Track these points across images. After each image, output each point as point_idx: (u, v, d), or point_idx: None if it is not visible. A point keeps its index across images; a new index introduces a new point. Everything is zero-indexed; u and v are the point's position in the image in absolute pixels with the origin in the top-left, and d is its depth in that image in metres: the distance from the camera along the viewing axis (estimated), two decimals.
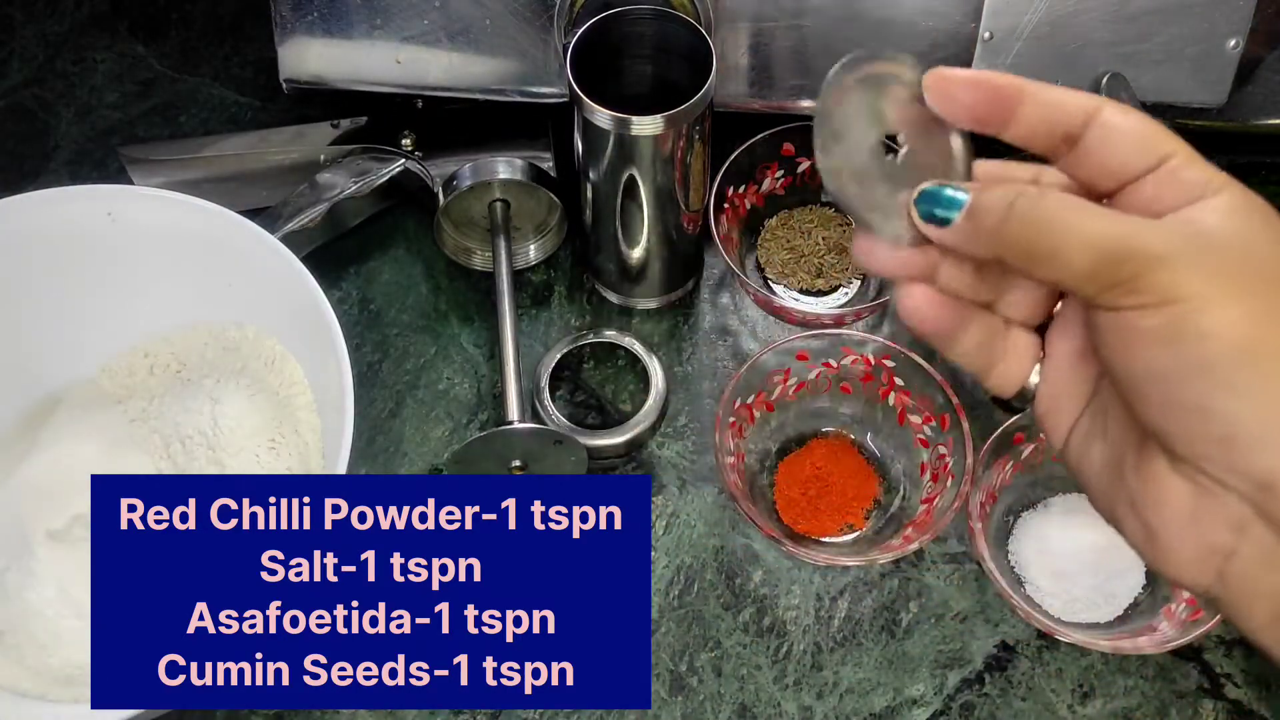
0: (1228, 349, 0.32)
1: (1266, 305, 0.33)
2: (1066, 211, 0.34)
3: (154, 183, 0.71)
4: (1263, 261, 0.33)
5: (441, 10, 0.67)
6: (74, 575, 0.56)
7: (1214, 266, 0.33)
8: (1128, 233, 0.33)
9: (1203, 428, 0.33)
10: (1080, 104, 0.35)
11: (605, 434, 0.65)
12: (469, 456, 0.59)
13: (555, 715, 0.58)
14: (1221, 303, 0.32)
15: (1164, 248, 0.33)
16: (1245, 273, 0.33)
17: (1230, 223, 0.34)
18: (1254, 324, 0.32)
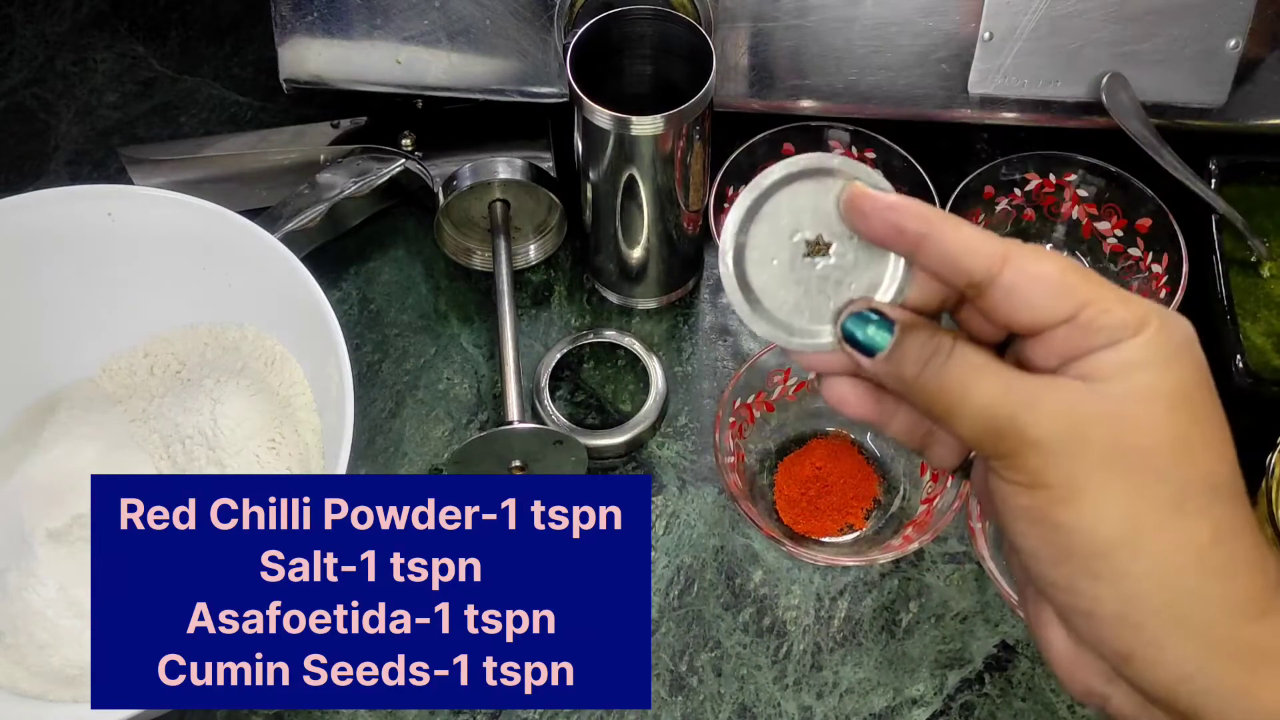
0: (1089, 540, 0.33)
1: (1138, 489, 0.33)
2: (966, 375, 0.35)
3: (154, 183, 0.71)
4: (1151, 436, 0.34)
5: (441, 10, 0.67)
6: (74, 575, 0.56)
7: (1089, 454, 0.33)
8: (1010, 411, 0.34)
9: (1068, 599, 0.35)
10: (982, 259, 0.34)
11: (605, 434, 0.65)
12: (469, 456, 0.59)
13: (555, 715, 0.58)
14: (1090, 492, 0.33)
15: (1039, 432, 0.33)
16: (1124, 457, 0.33)
17: (1131, 383, 0.33)
18: (1123, 513, 0.33)
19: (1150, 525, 0.33)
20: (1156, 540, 0.33)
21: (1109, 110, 0.67)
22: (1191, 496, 0.34)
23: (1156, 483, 0.33)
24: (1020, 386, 0.34)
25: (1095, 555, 0.33)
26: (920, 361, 0.35)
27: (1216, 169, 0.70)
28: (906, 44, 0.68)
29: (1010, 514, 0.35)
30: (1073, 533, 0.33)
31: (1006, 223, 0.71)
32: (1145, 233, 0.68)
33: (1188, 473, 0.34)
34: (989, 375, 0.35)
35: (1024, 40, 0.66)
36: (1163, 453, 0.33)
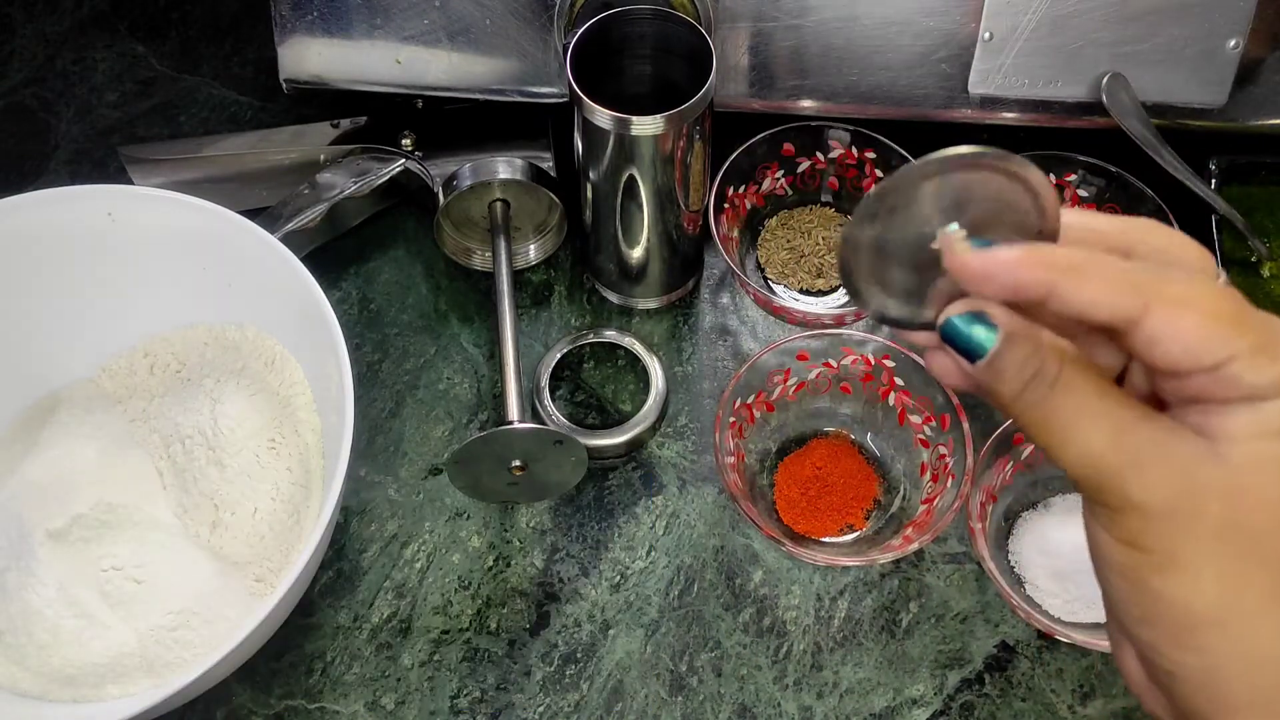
0: (1181, 612, 0.32)
1: (1242, 571, 0.32)
2: (1071, 414, 0.32)
3: (154, 183, 0.71)
4: (1264, 516, 0.31)
5: (441, 10, 0.67)
6: (74, 575, 0.56)
7: (1195, 528, 0.32)
8: (1116, 468, 0.32)
9: (1150, 655, 0.34)
10: (1119, 311, 0.31)
11: (605, 434, 0.65)
12: (469, 456, 0.58)
13: (555, 716, 0.58)
14: (1190, 566, 0.32)
15: (1145, 497, 0.32)
16: (1232, 537, 0.32)
17: (1257, 452, 0.31)
18: (1221, 593, 0.32)
19: (1247, 609, 0.32)
20: (1251, 625, 0.32)
21: (1109, 110, 0.67)
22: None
23: (1261, 568, 0.32)
24: (1131, 440, 0.32)
25: (1185, 628, 0.32)
26: (1020, 381, 0.33)
27: (1216, 169, 0.70)
28: (906, 44, 0.68)
29: (1102, 560, 0.34)
30: (1165, 601, 0.32)
31: None
32: None
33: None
34: (1097, 419, 0.32)
35: (1024, 40, 0.66)
36: (1274, 536, 0.32)
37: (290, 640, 0.60)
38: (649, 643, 0.60)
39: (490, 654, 0.60)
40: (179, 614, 0.56)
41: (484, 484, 0.61)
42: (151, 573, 0.57)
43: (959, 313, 0.33)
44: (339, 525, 0.63)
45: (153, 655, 0.56)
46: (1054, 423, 0.33)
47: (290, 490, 0.60)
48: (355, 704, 0.59)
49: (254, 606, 0.57)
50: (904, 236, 0.34)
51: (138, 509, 0.60)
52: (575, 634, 0.61)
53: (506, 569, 0.62)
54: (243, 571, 0.59)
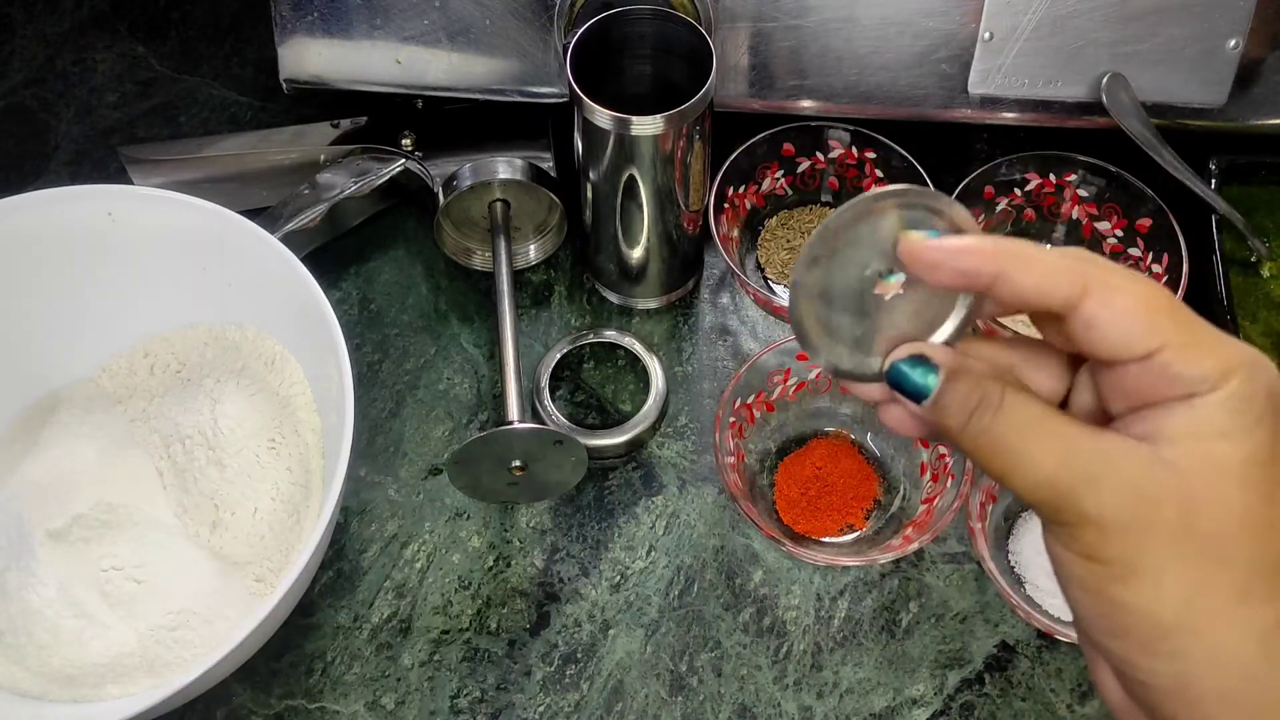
0: (1146, 620, 0.32)
1: (1202, 574, 0.32)
2: (1018, 439, 0.33)
3: (154, 183, 0.71)
4: (1219, 518, 0.32)
5: (441, 10, 0.67)
6: (74, 575, 0.56)
7: (1151, 536, 0.32)
8: (1069, 486, 0.32)
9: (1122, 667, 0.34)
10: (1060, 292, 0.33)
11: (605, 434, 0.65)
12: (469, 456, 0.58)
13: (556, 716, 0.58)
14: (1150, 574, 0.32)
15: (1099, 511, 0.32)
16: (1188, 541, 0.32)
17: (1202, 453, 0.32)
18: (1183, 597, 0.32)
19: (1211, 610, 0.32)
20: (1217, 627, 0.32)
21: (1109, 110, 0.67)
22: (1258, 581, 0.32)
23: (1221, 568, 0.32)
24: (1080, 458, 0.32)
25: (1153, 636, 0.32)
26: (965, 413, 0.34)
27: (1216, 169, 0.70)
28: (906, 44, 0.68)
29: (1065, 577, 0.34)
30: (1130, 611, 0.33)
31: (1006, 223, 0.71)
32: (1145, 233, 0.68)
33: (1256, 555, 0.32)
34: (1045, 440, 0.33)
35: (1024, 40, 0.66)
36: (1230, 535, 0.32)
37: (290, 640, 0.60)
38: (649, 643, 0.60)
39: (490, 654, 0.60)
40: (179, 614, 0.56)
41: (484, 484, 0.61)
42: (151, 573, 0.57)
43: (902, 357, 0.35)
44: (339, 525, 0.63)
45: (153, 655, 0.56)
46: (1002, 449, 0.33)
47: (290, 490, 0.60)
48: (355, 704, 0.59)
49: (254, 606, 0.57)
50: (846, 279, 0.35)
51: (138, 509, 0.60)
52: (575, 634, 0.61)
53: (506, 569, 0.62)
54: (243, 571, 0.59)
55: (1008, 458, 0.33)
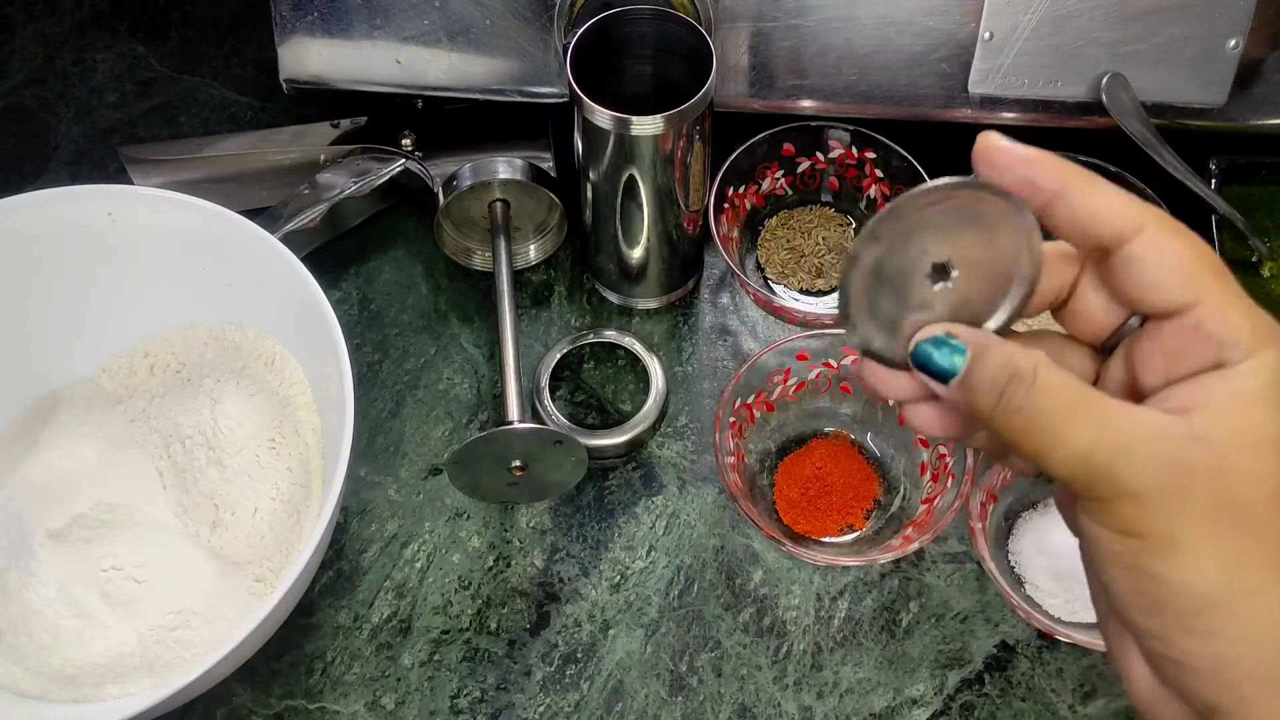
0: (1185, 595, 0.32)
1: (1238, 547, 0.32)
2: (1053, 415, 0.33)
3: (154, 183, 0.71)
4: (1255, 488, 0.32)
5: (441, 10, 0.67)
6: (74, 575, 0.56)
7: (1189, 508, 0.32)
8: (1106, 459, 0.32)
9: (1158, 647, 0.34)
10: (1116, 225, 0.33)
11: (605, 434, 0.65)
12: (469, 456, 0.58)
13: (555, 716, 0.59)
14: (1188, 547, 0.32)
15: (1137, 484, 0.32)
16: (1225, 512, 0.32)
17: (1237, 424, 0.32)
18: (1221, 571, 0.32)
19: (1248, 586, 0.32)
20: (1253, 602, 0.32)
21: (1109, 110, 0.67)
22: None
23: (1257, 541, 0.32)
24: (1115, 431, 0.32)
25: (1189, 612, 0.32)
26: (997, 390, 0.33)
27: (1216, 169, 0.70)
28: (906, 44, 0.68)
29: (1100, 556, 0.34)
30: (1168, 586, 0.32)
31: None
32: None
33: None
34: (1080, 416, 0.32)
35: (1024, 40, 0.66)
36: (1265, 508, 0.32)
37: (290, 640, 0.60)
38: (649, 643, 0.60)
39: (490, 654, 0.60)
40: (179, 614, 0.56)
41: (484, 484, 0.61)
42: (151, 573, 0.57)
43: (927, 338, 0.34)
44: (339, 525, 0.63)
45: (153, 655, 0.56)
46: (1037, 426, 0.33)
47: (290, 490, 0.60)
48: (355, 704, 0.59)
49: (254, 606, 0.57)
50: (903, 261, 0.34)
51: (138, 509, 0.60)
52: (575, 634, 0.61)
53: (506, 569, 0.62)
54: (243, 571, 0.59)
55: (1044, 436, 0.33)
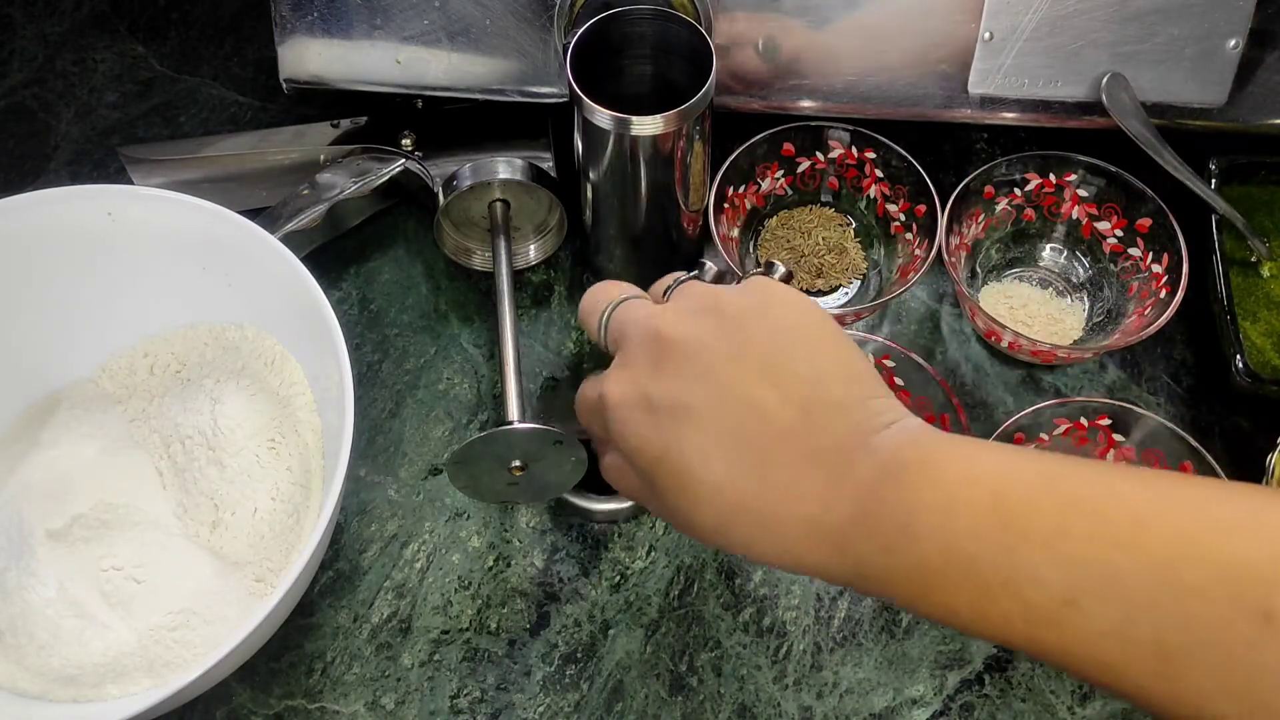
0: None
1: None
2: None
3: (154, 183, 0.71)
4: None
5: (441, 10, 0.67)
6: (74, 575, 0.56)
7: None
8: None
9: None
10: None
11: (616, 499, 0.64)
12: (469, 457, 0.58)
13: (556, 715, 0.59)
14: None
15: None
16: None
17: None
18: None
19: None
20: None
21: (1109, 110, 0.67)
22: None
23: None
24: None
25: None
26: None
27: (1216, 169, 0.70)
28: (906, 44, 0.68)
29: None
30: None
31: (1007, 223, 0.71)
32: (1145, 233, 0.68)
33: None
34: None
35: (1024, 40, 0.66)
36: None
37: (290, 640, 0.60)
38: (649, 643, 0.60)
39: (490, 654, 0.60)
40: (179, 614, 0.56)
41: (484, 484, 0.61)
42: (151, 573, 0.57)
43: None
44: (339, 525, 0.63)
45: (153, 655, 0.56)
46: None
47: (290, 490, 0.60)
48: (355, 704, 0.59)
49: (254, 606, 0.57)
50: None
51: (138, 509, 0.60)
52: (575, 634, 0.61)
53: (506, 569, 0.62)
54: (243, 571, 0.59)
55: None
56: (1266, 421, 0.66)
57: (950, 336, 0.70)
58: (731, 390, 0.45)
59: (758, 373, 0.45)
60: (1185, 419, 0.67)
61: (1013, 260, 0.72)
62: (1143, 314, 0.66)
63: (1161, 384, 0.68)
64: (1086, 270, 0.71)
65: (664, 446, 0.45)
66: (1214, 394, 0.68)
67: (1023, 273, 0.72)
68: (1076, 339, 0.69)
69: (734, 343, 0.46)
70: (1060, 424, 0.62)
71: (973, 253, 0.70)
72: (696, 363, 0.46)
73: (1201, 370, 0.69)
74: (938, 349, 0.69)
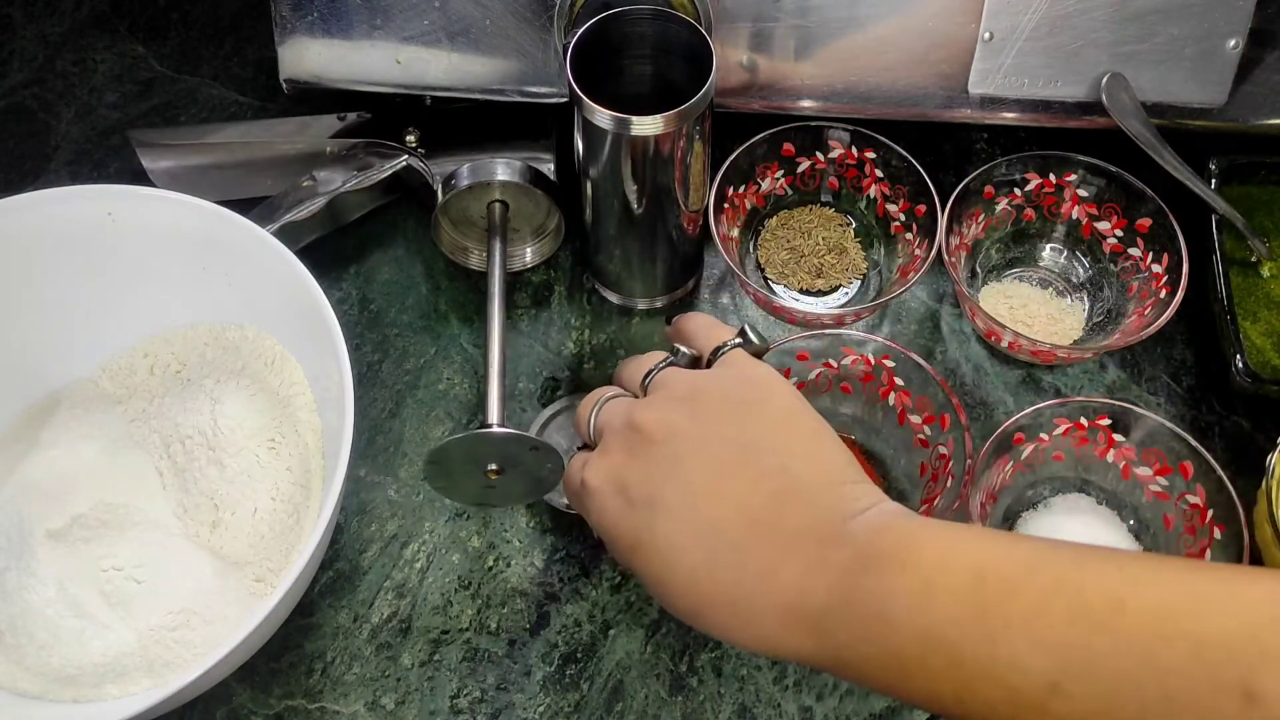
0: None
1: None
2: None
3: (162, 166, 0.72)
4: None
5: (441, 10, 0.67)
6: (74, 575, 0.56)
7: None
8: None
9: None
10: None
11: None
12: (445, 457, 0.58)
13: (556, 715, 0.58)
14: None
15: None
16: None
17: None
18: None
19: None
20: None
21: (1109, 110, 0.67)
22: None
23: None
24: None
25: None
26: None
27: (1216, 169, 0.70)
28: (906, 44, 0.68)
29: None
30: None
31: (1007, 223, 0.71)
32: (1145, 233, 0.68)
33: None
34: None
35: (1024, 40, 0.66)
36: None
37: (290, 640, 0.60)
38: (649, 643, 0.60)
39: (490, 654, 0.60)
40: (179, 614, 0.56)
41: (460, 486, 0.60)
42: (151, 573, 0.57)
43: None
44: (339, 525, 0.63)
45: (153, 655, 0.56)
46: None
47: (290, 490, 0.60)
48: (355, 704, 0.59)
49: (254, 606, 0.57)
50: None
51: (138, 509, 0.60)
52: (575, 634, 0.61)
53: (506, 569, 0.62)
54: (243, 571, 0.59)
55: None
56: (1266, 421, 0.66)
57: (950, 336, 0.70)
58: (704, 478, 0.45)
59: (731, 460, 0.45)
60: (1185, 419, 0.67)
61: (1013, 260, 0.72)
62: (1143, 314, 0.66)
63: (1161, 384, 0.68)
64: (1086, 270, 0.71)
65: (638, 535, 0.46)
66: (1214, 394, 0.68)
67: (1023, 273, 0.72)
68: (1076, 339, 0.69)
69: (706, 430, 0.46)
70: (1060, 424, 0.62)
71: (973, 253, 0.70)
72: (669, 450, 0.46)
73: (1201, 370, 0.69)
74: (938, 349, 0.69)
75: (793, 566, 0.42)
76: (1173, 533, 0.60)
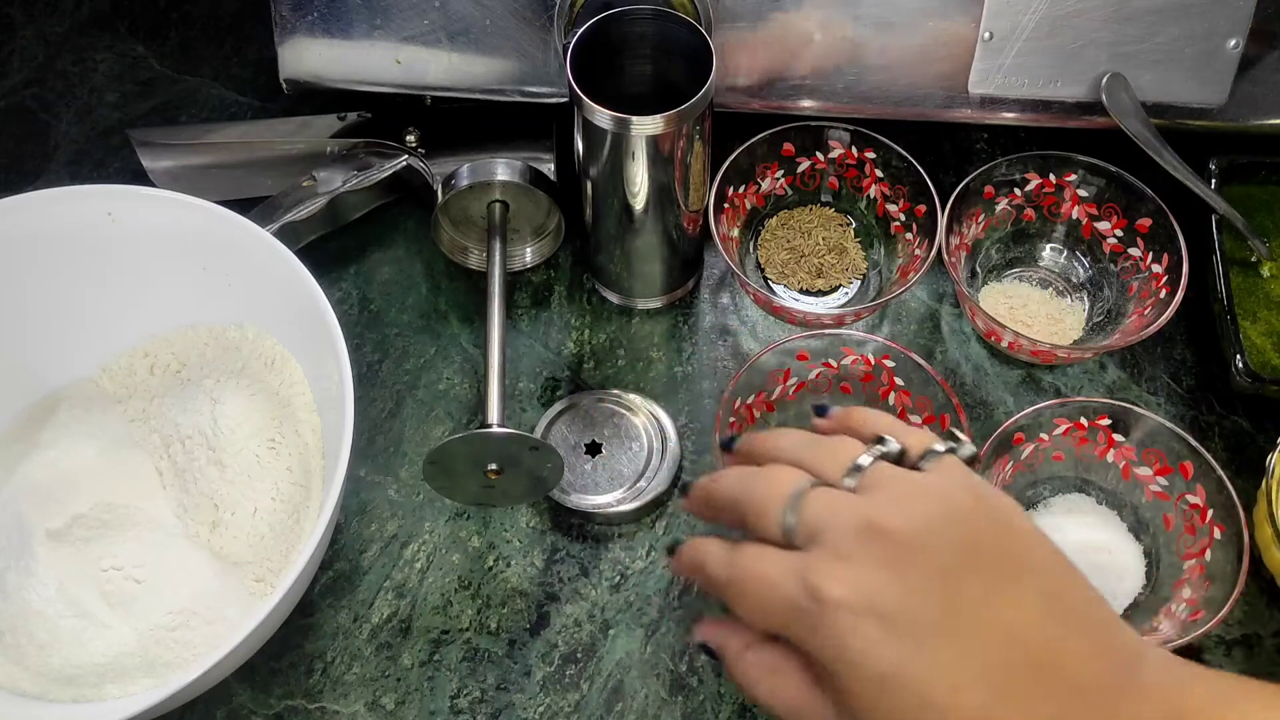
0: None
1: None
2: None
3: (162, 166, 0.72)
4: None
5: (441, 10, 0.67)
6: (73, 575, 0.56)
7: None
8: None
9: None
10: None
11: (622, 500, 0.64)
12: (444, 457, 0.58)
13: (556, 715, 0.59)
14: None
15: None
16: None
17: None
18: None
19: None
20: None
21: (1109, 110, 0.67)
22: None
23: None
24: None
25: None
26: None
27: (1216, 169, 0.70)
28: (907, 44, 0.68)
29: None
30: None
31: (1007, 223, 0.71)
32: (1145, 233, 0.68)
33: None
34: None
35: (1024, 40, 0.66)
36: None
37: (290, 640, 0.60)
38: (649, 643, 0.60)
39: (490, 654, 0.60)
40: (179, 614, 0.56)
41: (460, 485, 0.60)
42: (151, 573, 0.57)
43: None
44: (339, 525, 0.63)
45: (153, 655, 0.56)
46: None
47: (290, 490, 0.60)
48: (355, 704, 0.59)
49: (254, 606, 0.57)
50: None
51: (138, 509, 0.60)
52: (575, 634, 0.61)
53: (506, 569, 0.62)
54: (243, 571, 0.59)
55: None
56: (1266, 421, 0.66)
57: (950, 336, 0.70)
58: (976, 604, 0.39)
59: (996, 584, 0.40)
60: (1185, 419, 0.67)
61: (1013, 260, 0.72)
62: (1143, 314, 0.66)
63: (1161, 384, 0.68)
64: (1086, 270, 0.71)
65: (899, 664, 0.39)
66: (1214, 394, 0.68)
67: (1023, 273, 0.72)
68: (1076, 339, 0.69)
69: (963, 545, 0.40)
70: (1060, 424, 0.62)
71: (973, 253, 0.70)
72: (929, 564, 0.40)
73: (1201, 370, 0.69)
74: (938, 349, 0.69)
75: (1083, 717, 0.39)
76: (1173, 533, 0.60)
